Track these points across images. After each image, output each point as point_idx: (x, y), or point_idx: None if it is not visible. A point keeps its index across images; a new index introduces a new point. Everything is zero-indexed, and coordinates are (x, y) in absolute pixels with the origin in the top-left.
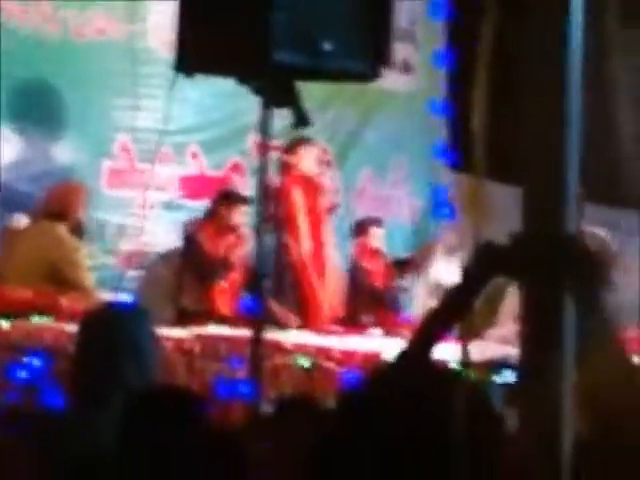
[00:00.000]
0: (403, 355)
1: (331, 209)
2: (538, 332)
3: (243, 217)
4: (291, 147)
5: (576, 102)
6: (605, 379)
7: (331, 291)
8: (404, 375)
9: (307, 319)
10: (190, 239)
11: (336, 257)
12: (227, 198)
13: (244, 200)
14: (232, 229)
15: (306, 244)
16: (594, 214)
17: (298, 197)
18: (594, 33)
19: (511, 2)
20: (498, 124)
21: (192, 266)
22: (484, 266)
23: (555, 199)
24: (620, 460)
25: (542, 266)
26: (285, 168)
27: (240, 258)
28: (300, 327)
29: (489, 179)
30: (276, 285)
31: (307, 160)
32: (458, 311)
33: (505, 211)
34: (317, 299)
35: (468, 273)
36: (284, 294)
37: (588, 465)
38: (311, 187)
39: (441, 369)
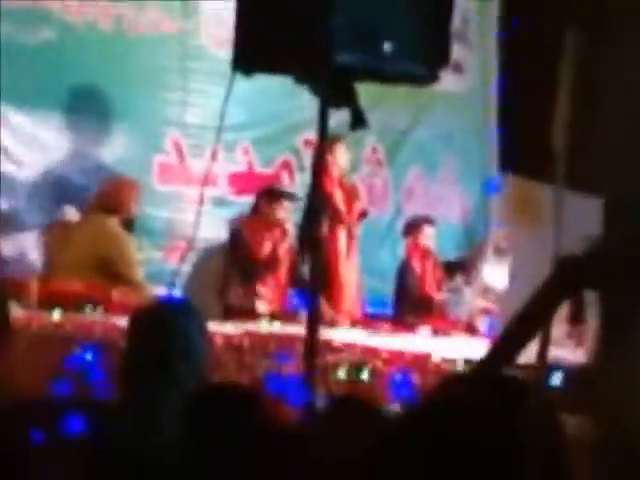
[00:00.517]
0: (483, 362)
1: (362, 215)
2: (621, 340)
3: (287, 213)
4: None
5: None
6: None
7: (352, 294)
8: (479, 386)
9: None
10: (235, 235)
11: (357, 260)
12: (270, 194)
13: (288, 196)
14: (276, 225)
15: (342, 246)
16: None
17: (339, 198)
18: None
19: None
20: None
21: (237, 262)
22: (568, 279)
23: (636, 210)
24: None
25: (625, 278)
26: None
27: (285, 253)
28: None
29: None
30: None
31: (341, 158)
32: (539, 324)
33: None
34: (347, 299)
35: (550, 286)
36: (329, 292)
37: None
38: (347, 189)
39: (516, 383)
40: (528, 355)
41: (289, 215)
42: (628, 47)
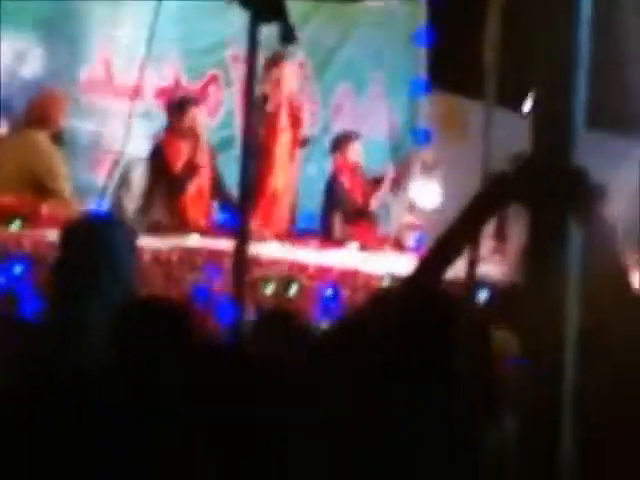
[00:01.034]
0: (412, 277)
1: (304, 142)
2: (546, 253)
3: (196, 120)
4: (275, 61)
5: (585, 37)
6: (602, 281)
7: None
8: (408, 299)
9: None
10: (154, 151)
11: (295, 175)
12: (177, 104)
13: (194, 101)
14: (188, 134)
15: (279, 159)
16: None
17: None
18: None
19: None
20: (505, 54)
21: (159, 178)
22: (498, 194)
23: (562, 130)
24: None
25: (552, 193)
26: (271, 81)
27: (203, 163)
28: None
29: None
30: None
31: (290, 75)
32: (469, 237)
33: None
34: (278, 213)
35: (481, 200)
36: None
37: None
38: (293, 107)
39: (445, 297)
40: (455, 271)
41: (199, 122)
42: None
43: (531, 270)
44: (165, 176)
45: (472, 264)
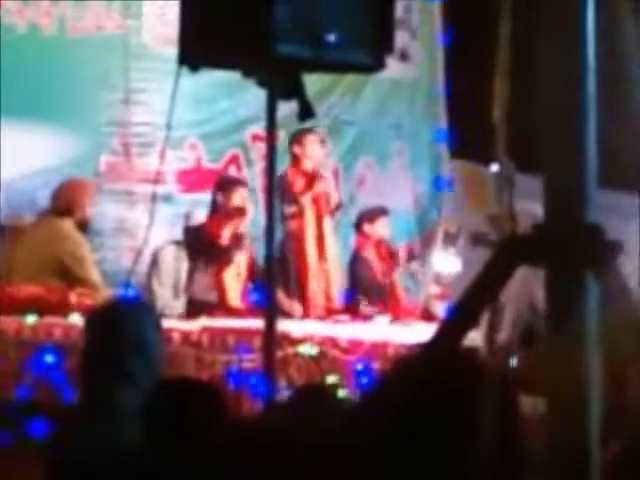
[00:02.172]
0: (430, 345)
1: (337, 207)
2: (563, 314)
3: (243, 200)
4: (297, 137)
5: (592, 90)
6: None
7: (330, 283)
8: (433, 360)
9: (308, 309)
10: (194, 229)
11: (336, 250)
12: (224, 184)
13: (241, 183)
14: (233, 213)
15: (310, 235)
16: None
17: (302, 187)
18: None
19: None
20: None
21: (199, 255)
22: (510, 256)
23: (574, 186)
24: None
25: (566, 252)
26: (292, 159)
27: (246, 242)
28: (303, 317)
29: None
30: (281, 274)
31: (312, 150)
32: (485, 302)
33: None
34: (318, 290)
35: (494, 263)
36: (288, 283)
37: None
38: (316, 179)
39: (468, 359)
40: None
41: (246, 203)
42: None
43: (551, 330)
44: (205, 253)
45: (492, 327)
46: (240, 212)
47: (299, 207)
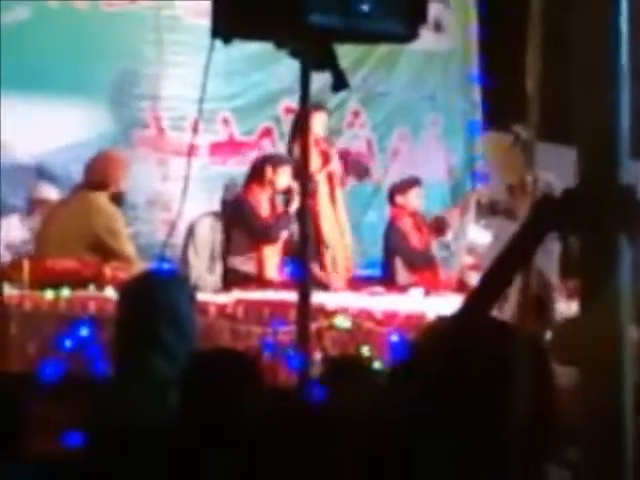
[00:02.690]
0: (462, 310)
1: (363, 173)
2: (596, 277)
3: (289, 178)
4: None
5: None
6: None
7: (348, 256)
8: (465, 328)
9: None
10: (239, 200)
11: (346, 220)
12: (273, 159)
13: (289, 161)
14: (281, 191)
15: (327, 208)
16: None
17: (316, 161)
18: None
19: None
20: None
21: (243, 226)
22: (543, 218)
23: (608, 153)
24: None
25: (599, 214)
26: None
27: (288, 219)
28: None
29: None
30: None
31: (317, 125)
32: (517, 266)
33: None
34: (338, 263)
35: (527, 226)
36: (320, 256)
37: None
38: (324, 152)
39: (501, 323)
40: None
41: (290, 181)
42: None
43: (584, 294)
44: (250, 225)
45: (524, 293)
46: (285, 192)
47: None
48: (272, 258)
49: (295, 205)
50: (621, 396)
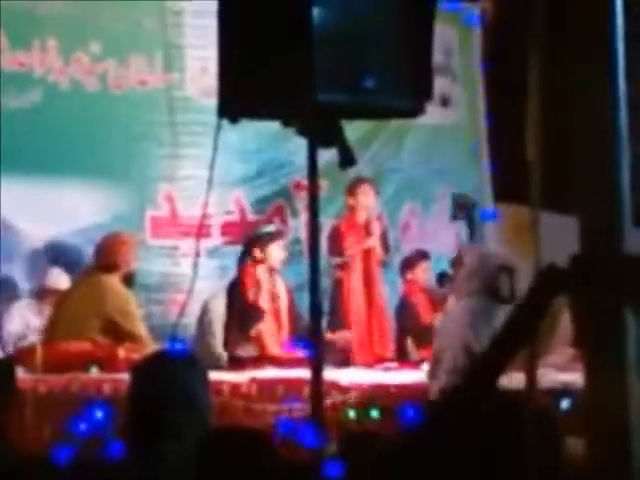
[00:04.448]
0: (471, 381)
1: (383, 260)
2: (602, 347)
3: (278, 253)
4: (349, 188)
5: (624, 125)
6: None
7: (381, 330)
8: (473, 401)
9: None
10: (232, 284)
11: (384, 298)
12: (259, 237)
13: (277, 235)
14: (270, 268)
15: (358, 284)
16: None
17: (351, 239)
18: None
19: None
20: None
21: (236, 313)
22: (548, 287)
23: (610, 220)
24: None
25: (603, 283)
26: (347, 210)
27: (283, 295)
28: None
29: (543, 209)
30: (331, 320)
31: (366, 200)
32: (525, 334)
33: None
34: (367, 337)
35: (532, 295)
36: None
37: None
38: (365, 230)
39: (509, 395)
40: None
41: (281, 255)
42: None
43: (589, 364)
44: (241, 312)
45: (532, 363)
46: (269, 266)
47: (348, 259)
48: (272, 337)
49: (281, 285)
50: (630, 467)
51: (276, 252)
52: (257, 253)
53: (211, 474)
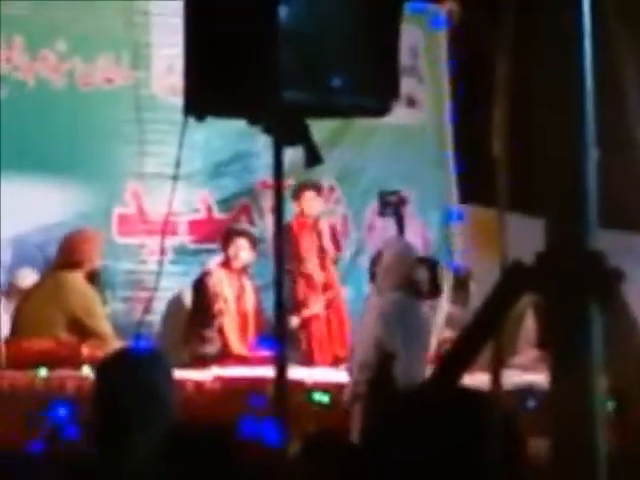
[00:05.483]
0: (434, 378)
1: (336, 259)
2: (568, 343)
3: (244, 251)
4: (296, 193)
5: (591, 124)
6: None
7: (342, 330)
8: (436, 398)
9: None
10: (198, 282)
11: (343, 299)
12: (228, 235)
13: (244, 234)
14: (238, 265)
15: (318, 283)
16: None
17: (307, 241)
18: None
19: (522, 32)
20: (517, 154)
21: (200, 310)
22: (513, 284)
23: (576, 220)
24: None
25: (569, 279)
26: (296, 212)
27: (249, 294)
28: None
29: (509, 210)
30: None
31: (312, 205)
32: (489, 331)
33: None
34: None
35: (497, 292)
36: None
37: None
38: (316, 231)
39: (472, 392)
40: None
41: (247, 253)
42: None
43: (554, 362)
44: (206, 308)
45: (497, 362)
46: (242, 265)
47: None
48: (234, 334)
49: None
50: (594, 464)
51: (244, 251)
52: (225, 251)
53: (179, 469)
